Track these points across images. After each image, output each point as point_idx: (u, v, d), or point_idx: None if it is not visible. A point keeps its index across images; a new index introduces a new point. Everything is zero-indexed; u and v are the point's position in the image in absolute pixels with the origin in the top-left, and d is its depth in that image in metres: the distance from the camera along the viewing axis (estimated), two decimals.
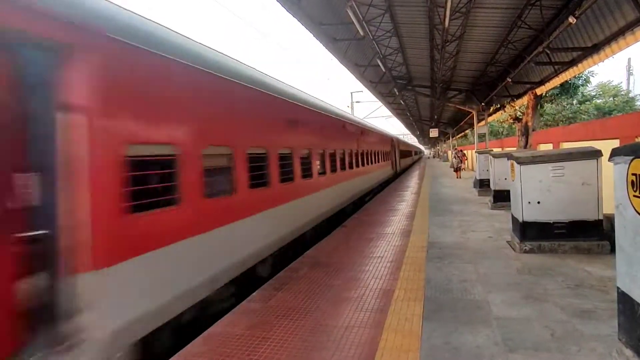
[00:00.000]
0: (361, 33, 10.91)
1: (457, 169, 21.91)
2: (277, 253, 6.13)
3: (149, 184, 3.48)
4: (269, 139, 5.97)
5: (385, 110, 38.39)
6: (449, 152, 39.93)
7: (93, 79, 2.92)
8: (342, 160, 10.77)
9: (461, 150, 24.28)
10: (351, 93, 36.12)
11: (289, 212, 6.58)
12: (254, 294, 4.77)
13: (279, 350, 3.31)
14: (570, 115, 30.68)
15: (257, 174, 5.46)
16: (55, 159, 2.65)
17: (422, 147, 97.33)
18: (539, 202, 5.94)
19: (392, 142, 24.11)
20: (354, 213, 10.97)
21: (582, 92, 30.38)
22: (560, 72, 12.64)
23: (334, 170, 9.74)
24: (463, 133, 47.39)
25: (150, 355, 3.57)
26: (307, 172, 7.70)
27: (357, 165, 12.64)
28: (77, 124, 2.77)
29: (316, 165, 8.35)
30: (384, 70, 15.62)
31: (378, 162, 17.40)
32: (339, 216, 10.20)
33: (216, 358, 3.23)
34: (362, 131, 14.17)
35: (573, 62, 11.46)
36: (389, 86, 20.11)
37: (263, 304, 4.42)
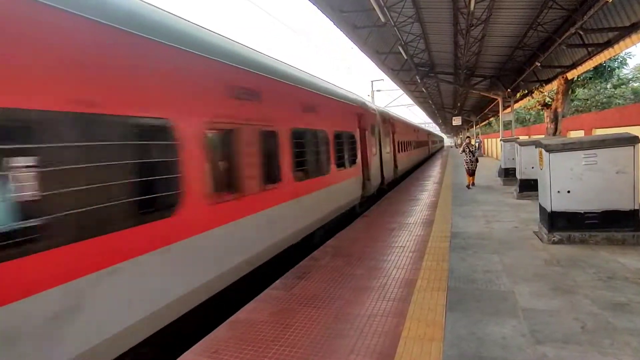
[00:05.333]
0: (382, 20, 10.66)
1: (471, 172, 13.27)
2: (409, 170, 21.15)
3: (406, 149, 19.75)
4: (417, 140, 25.10)
5: (406, 99, 37.62)
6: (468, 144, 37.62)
7: None
8: (418, 144, 26.43)
9: (467, 143, 13.78)
10: (371, 82, 35.52)
11: (417, 157, 25.47)
12: (276, 282, 4.86)
13: (302, 337, 3.37)
14: (604, 100, 29.09)
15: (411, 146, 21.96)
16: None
17: (444, 136, 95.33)
18: (569, 192, 5.71)
19: (427, 135, 39.24)
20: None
21: (617, 75, 28.69)
22: (594, 55, 11.96)
23: (415, 148, 24.21)
24: (487, 121, 45.91)
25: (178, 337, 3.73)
26: (414, 147, 23.17)
27: (421, 147, 28.76)
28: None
29: (416, 145, 24.86)
30: (405, 57, 15.24)
31: (425, 146, 33.09)
32: (416, 167, 25.19)
33: (241, 344, 3.33)
34: (420, 130, 29.68)
35: (609, 44, 10.81)
36: (411, 74, 19.60)
37: (286, 291, 4.50)
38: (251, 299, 4.35)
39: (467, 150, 13.39)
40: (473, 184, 13.31)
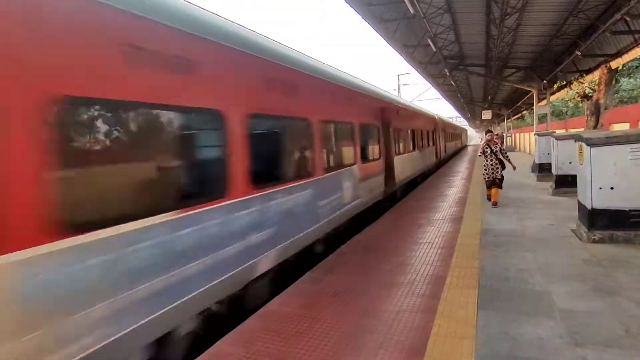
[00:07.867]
0: (411, 11, 10.43)
1: (495, 182, 9.05)
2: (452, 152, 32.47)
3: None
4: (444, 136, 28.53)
5: (434, 92, 36.77)
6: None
7: None
8: (454, 136, 35.25)
9: (488, 140, 9.33)
10: (398, 75, 35.00)
11: (454, 144, 35.29)
12: (304, 275, 4.92)
13: (331, 331, 3.41)
14: None
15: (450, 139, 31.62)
16: None
17: (473, 130, 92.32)
18: (612, 188, 5.41)
19: (461, 130, 49.37)
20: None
21: None
22: None
23: (452, 140, 33.02)
24: (520, 114, 44.00)
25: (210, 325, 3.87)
26: (451, 139, 32.00)
27: (456, 139, 37.09)
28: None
29: (452, 137, 33.66)
30: (434, 50, 14.85)
31: (458, 139, 41.14)
32: (459, 150, 41.12)
33: (272, 335, 3.41)
34: (456, 127, 39.97)
35: None
36: (439, 67, 19.11)
37: (314, 285, 4.54)
38: (276, 294, 4.44)
39: (489, 151, 9.01)
40: (495, 203, 8.93)
